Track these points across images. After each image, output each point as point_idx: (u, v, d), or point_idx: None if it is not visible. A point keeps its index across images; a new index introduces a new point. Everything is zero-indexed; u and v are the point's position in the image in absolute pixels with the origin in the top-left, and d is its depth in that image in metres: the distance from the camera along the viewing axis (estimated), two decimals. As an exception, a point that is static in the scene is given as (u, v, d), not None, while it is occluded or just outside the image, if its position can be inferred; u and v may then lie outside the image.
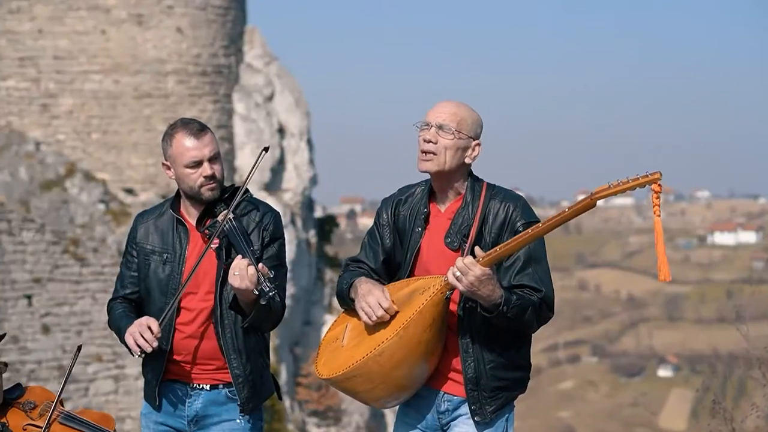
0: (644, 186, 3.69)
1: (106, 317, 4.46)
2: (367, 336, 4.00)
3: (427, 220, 4.06)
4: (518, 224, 3.95)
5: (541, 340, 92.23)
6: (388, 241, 4.13)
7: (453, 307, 4.01)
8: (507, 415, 4.10)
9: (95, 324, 20.81)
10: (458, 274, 3.79)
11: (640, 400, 73.88)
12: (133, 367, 20.88)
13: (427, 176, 4.11)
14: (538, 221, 3.92)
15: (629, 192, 3.78)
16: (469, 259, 3.80)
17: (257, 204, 4.27)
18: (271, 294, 3.96)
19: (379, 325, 3.97)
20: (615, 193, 3.70)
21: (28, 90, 24.90)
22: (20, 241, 20.58)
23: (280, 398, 4.50)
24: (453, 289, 3.90)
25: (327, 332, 4.17)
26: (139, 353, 4.09)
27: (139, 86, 24.96)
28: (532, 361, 4.18)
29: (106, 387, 21.03)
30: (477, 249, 3.84)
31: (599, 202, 3.72)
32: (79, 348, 4.52)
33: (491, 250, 3.83)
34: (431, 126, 3.96)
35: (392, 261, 4.14)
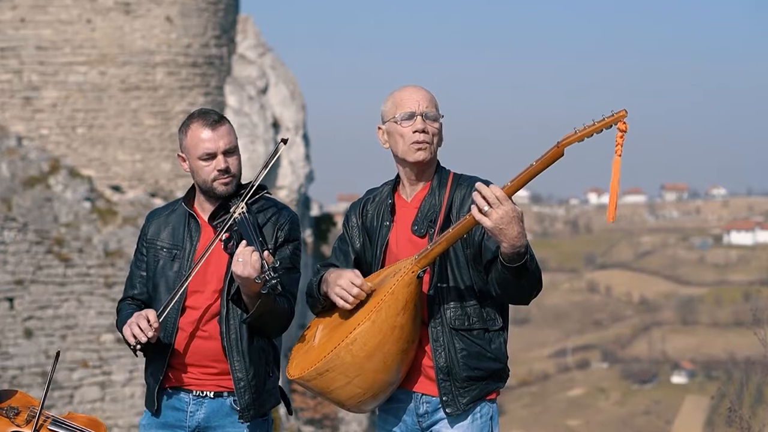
0: (611, 126, 3.71)
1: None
2: (338, 328, 4.02)
3: (393, 212, 4.14)
4: None
5: (548, 345, 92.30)
6: (357, 242, 4.21)
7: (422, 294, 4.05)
8: (490, 414, 4.10)
9: (80, 328, 20.80)
10: (486, 207, 3.74)
11: (652, 407, 73.93)
12: (121, 373, 20.90)
13: (380, 180, 4.26)
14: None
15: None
16: (496, 188, 3.75)
17: (275, 203, 4.29)
18: (273, 282, 3.92)
19: (350, 316, 4.00)
20: (582, 138, 3.73)
21: (9, 82, 24.91)
22: (1, 241, 20.59)
23: (290, 413, 4.49)
24: (425, 268, 3.93)
25: (297, 341, 4.21)
26: (134, 343, 4.07)
27: (127, 78, 24.97)
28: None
29: (92, 394, 21.03)
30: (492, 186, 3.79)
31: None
32: (58, 354, 4.50)
33: (513, 179, 3.77)
34: (416, 115, 4.06)
35: (363, 262, 4.21)
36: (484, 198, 3.73)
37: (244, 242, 4.02)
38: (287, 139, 4.29)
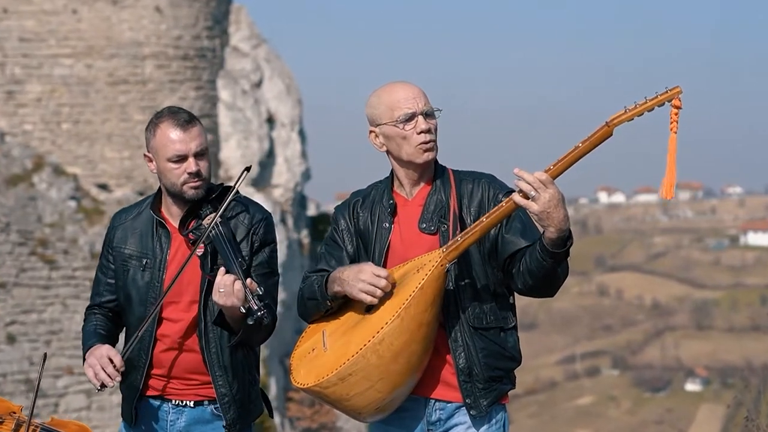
0: (663, 104, 3.74)
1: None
2: (357, 330, 3.99)
3: (394, 213, 4.14)
4: (500, 196, 4.06)
5: (556, 351, 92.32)
6: (350, 246, 4.20)
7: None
8: (503, 420, 4.13)
9: (66, 333, 20.81)
10: (533, 193, 3.78)
11: (665, 416, 73.95)
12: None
13: (377, 177, 4.27)
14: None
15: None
16: (539, 172, 3.80)
17: (247, 205, 4.27)
18: (259, 314, 3.94)
19: (371, 315, 3.99)
20: (632, 117, 3.76)
21: (-9, 75, 24.93)
22: (-17, 241, 20.61)
23: (271, 415, 4.49)
24: (453, 261, 3.95)
25: (295, 350, 4.16)
26: (99, 388, 4.10)
27: (114, 71, 24.97)
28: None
29: (78, 402, 21.03)
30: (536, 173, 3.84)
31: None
32: (45, 356, 4.49)
33: (557, 162, 3.82)
34: (417, 116, 4.08)
35: None
36: (528, 183, 3.79)
37: (222, 270, 4.01)
38: (250, 167, 4.29)
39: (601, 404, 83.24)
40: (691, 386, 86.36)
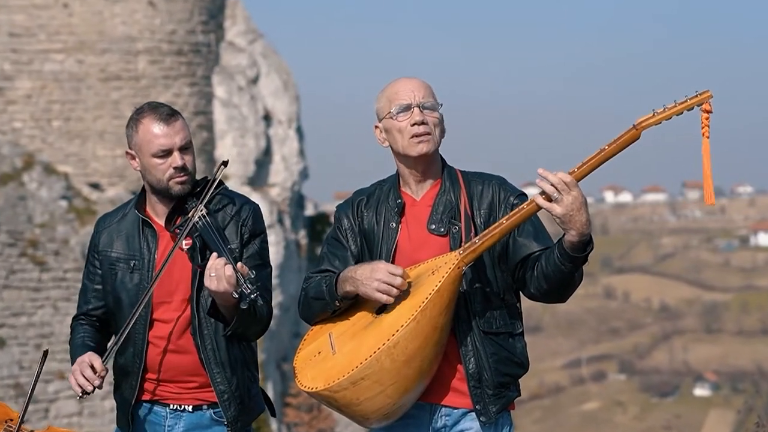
0: (692, 108, 3.78)
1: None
2: (369, 332, 3.99)
3: (401, 213, 4.15)
4: (511, 199, 4.09)
5: (561, 354, 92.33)
6: (354, 246, 4.20)
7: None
8: (508, 427, 4.14)
9: (56, 336, 20.81)
10: (556, 195, 3.81)
11: (673, 422, 73.96)
12: (100, 385, 20.92)
13: (382, 176, 4.27)
14: (526, 195, 4.07)
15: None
16: (563, 173, 3.82)
17: (233, 197, 4.29)
18: (252, 297, 3.97)
19: (384, 317, 3.99)
20: (661, 120, 3.79)
21: (-20, 71, 24.94)
22: (-29, 242, 20.61)
23: (273, 414, 4.48)
24: (470, 263, 3.96)
25: (298, 353, 4.15)
26: (80, 394, 4.11)
27: (106, 67, 24.98)
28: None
29: (69, 408, 21.04)
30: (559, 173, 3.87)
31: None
32: (46, 353, 4.51)
33: (581, 165, 3.84)
34: (412, 107, 4.10)
35: None
36: (552, 185, 3.81)
37: (214, 255, 4.04)
38: (227, 161, 4.32)
39: (607, 410, 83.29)
40: (700, 391, 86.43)
